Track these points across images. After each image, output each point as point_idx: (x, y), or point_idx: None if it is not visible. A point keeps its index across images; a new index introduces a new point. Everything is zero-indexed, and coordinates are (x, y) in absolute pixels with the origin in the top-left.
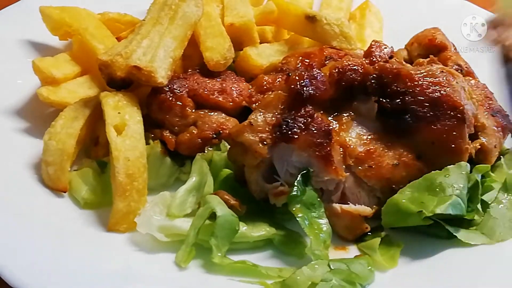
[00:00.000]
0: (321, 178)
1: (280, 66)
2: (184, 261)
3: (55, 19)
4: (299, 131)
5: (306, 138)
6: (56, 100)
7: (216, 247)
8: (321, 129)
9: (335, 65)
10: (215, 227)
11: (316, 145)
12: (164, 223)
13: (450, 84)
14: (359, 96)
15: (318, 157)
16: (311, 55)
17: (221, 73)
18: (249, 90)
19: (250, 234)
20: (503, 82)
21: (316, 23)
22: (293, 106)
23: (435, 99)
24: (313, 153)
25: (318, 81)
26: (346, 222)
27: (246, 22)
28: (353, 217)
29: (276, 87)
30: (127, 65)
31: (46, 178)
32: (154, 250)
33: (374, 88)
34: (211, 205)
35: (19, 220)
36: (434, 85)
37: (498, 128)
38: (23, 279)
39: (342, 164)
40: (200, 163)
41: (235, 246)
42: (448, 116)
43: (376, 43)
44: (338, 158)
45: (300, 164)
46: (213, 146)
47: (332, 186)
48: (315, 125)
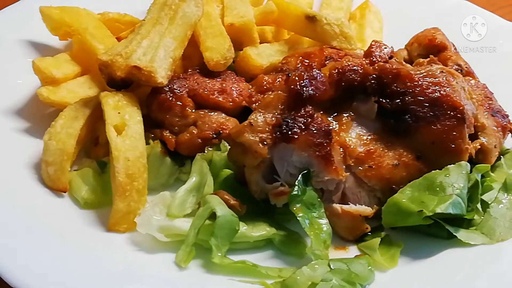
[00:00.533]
0: (321, 178)
1: (280, 66)
2: (184, 261)
3: (55, 19)
4: (299, 131)
5: (306, 138)
6: (56, 100)
7: (216, 247)
8: (321, 129)
9: (335, 65)
10: (215, 227)
11: (316, 145)
12: (164, 223)
13: (450, 84)
14: (359, 96)
15: (318, 157)
16: (311, 55)
17: (221, 73)
18: (249, 90)
19: (250, 234)
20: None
21: (316, 23)
22: (293, 106)
23: (434, 99)
24: (313, 153)
25: (318, 81)
26: (347, 222)
27: (246, 22)
28: (353, 218)
29: (276, 87)
30: (127, 65)
31: (46, 178)
32: (154, 250)
33: (373, 88)
34: (211, 205)
35: (19, 220)
36: (433, 85)
37: (498, 128)
38: (23, 279)
39: (343, 164)
40: (200, 163)
41: (235, 246)
42: (448, 116)
43: (376, 43)
44: (338, 158)
45: (300, 164)
46: (213, 146)
47: (333, 186)
48: (315, 125)
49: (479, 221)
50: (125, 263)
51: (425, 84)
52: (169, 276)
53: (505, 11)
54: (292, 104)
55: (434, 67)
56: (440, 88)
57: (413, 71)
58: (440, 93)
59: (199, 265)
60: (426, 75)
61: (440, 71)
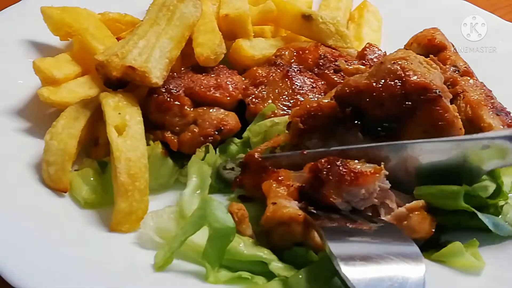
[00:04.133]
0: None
1: (274, 59)
2: (161, 266)
3: (56, 20)
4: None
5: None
6: (57, 100)
7: (209, 267)
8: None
9: (294, 115)
10: (207, 243)
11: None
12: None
13: (405, 69)
14: (338, 129)
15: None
16: (306, 51)
17: (213, 68)
18: (243, 83)
19: (243, 252)
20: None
21: (312, 22)
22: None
23: (402, 92)
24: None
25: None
26: (416, 217)
27: (241, 13)
28: (420, 211)
29: (269, 80)
30: (122, 65)
31: (46, 178)
32: (156, 250)
33: (347, 115)
34: (206, 216)
35: (19, 220)
36: (393, 80)
37: (504, 126)
38: (23, 279)
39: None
40: (198, 164)
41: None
42: (422, 100)
43: (370, 46)
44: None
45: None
46: (203, 147)
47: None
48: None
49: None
50: (126, 263)
51: (386, 84)
52: (171, 276)
53: (505, 11)
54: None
55: (385, 63)
56: (399, 79)
57: (368, 77)
58: (402, 85)
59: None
60: (383, 75)
61: (392, 62)
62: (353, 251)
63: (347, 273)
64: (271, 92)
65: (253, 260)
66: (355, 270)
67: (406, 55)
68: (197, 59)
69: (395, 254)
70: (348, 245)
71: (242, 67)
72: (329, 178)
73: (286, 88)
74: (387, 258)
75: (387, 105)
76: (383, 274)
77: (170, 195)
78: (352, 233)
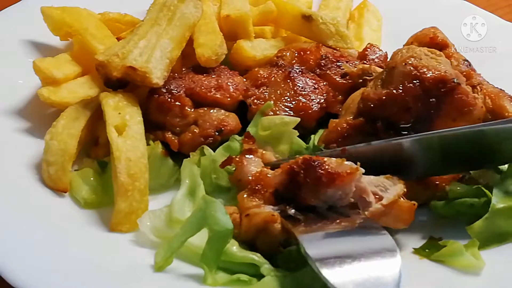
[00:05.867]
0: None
1: (275, 60)
2: (160, 266)
3: (56, 20)
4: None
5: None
6: (57, 100)
7: (207, 269)
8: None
9: (329, 141)
10: (206, 245)
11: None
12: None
13: (418, 68)
14: (371, 139)
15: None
16: (307, 52)
17: (214, 69)
18: (244, 84)
19: (237, 254)
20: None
21: (312, 22)
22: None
23: (423, 92)
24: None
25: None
26: (395, 212)
27: (242, 14)
28: (396, 204)
29: (271, 82)
30: (123, 65)
31: (46, 178)
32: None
33: (378, 129)
34: (206, 218)
35: (19, 220)
36: (411, 83)
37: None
38: (23, 279)
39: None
40: (189, 168)
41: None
42: (443, 92)
43: (371, 47)
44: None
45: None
46: (199, 150)
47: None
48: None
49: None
50: (127, 263)
51: (406, 87)
52: (171, 276)
53: (505, 11)
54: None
55: (397, 67)
56: (416, 79)
57: (386, 86)
58: (421, 83)
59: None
60: (399, 79)
61: (403, 64)
62: (329, 251)
63: (326, 275)
64: (273, 93)
65: (245, 262)
66: (333, 270)
67: (412, 52)
68: (198, 59)
69: (371, 249)
70: (324, 245)
71: (243, 68)
72: (306, 181)
73: (288, 89)
74: (363, 254)
75: (414, 107)
76: (359, 271)
77: (170, 195)
78: (328, 231)
